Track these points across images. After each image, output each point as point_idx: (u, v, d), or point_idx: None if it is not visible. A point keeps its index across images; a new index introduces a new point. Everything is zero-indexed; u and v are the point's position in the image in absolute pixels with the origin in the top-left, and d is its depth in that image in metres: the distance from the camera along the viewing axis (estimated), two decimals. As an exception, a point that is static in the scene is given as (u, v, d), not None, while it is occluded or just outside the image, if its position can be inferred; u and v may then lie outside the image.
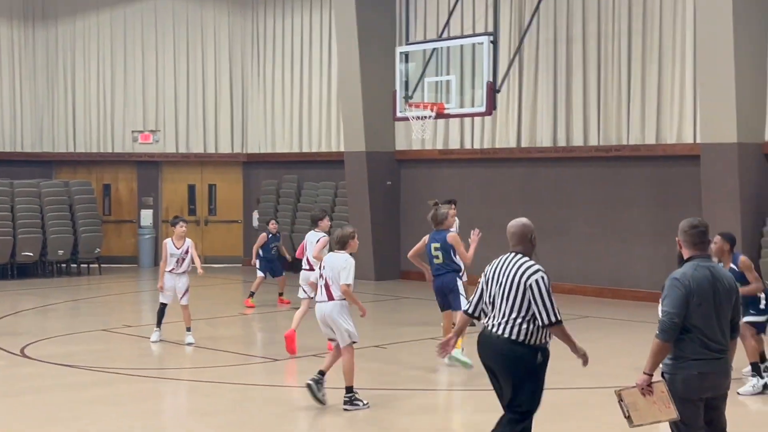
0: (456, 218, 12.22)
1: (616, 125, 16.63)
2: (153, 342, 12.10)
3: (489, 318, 6.50)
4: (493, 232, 17.08)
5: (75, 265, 20.62)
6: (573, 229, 17.27)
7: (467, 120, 18.33)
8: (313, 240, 12.06)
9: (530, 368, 6.36)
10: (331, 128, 20.91)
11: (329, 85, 20.90)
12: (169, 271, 12.02)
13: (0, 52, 21.82)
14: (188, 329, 12.08)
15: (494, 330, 6.40)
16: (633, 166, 16.42)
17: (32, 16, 22.30)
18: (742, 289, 6.93)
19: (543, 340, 6.43)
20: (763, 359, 9.45)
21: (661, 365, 5.88)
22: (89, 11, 22.39)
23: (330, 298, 8.81)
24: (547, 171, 17.55)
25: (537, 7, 16.68)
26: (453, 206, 12.25)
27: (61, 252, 20.05)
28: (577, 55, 17.01)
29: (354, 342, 8.87)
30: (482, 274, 6.75)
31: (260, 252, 15.96)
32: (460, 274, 10.76)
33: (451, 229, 11.03)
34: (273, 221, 16.78)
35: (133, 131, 22.48)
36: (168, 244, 12.13)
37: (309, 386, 8.77)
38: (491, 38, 14.91)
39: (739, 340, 6.23)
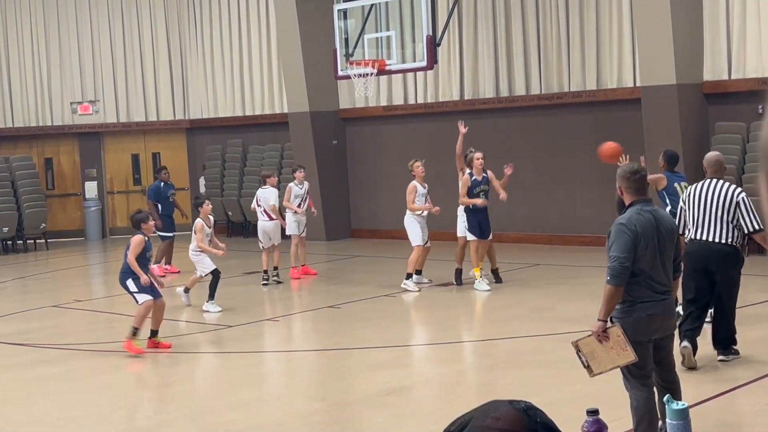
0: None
1: (557, 73, 16.71)
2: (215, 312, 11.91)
3: (699, 231, 8.08)
4: (442, 185, 17.20)
5: (21, 242, 20.31)
6: (519, 178, 17.33)
7: (410, 75, 18.28)
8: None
9: (740, 266, 8.21)
10: (274, 90, 20.73)
11: (269, 46, 20.67)
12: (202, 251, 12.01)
13: (-72, 28, 21.24)
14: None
15: (711, 239, 8.03)
16: (575, 112, 16.55)
17: (-41, -11, 21.70)
18: None
19: (745, 245, 8.33)
20: None
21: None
22: (18, -18, 21.82)
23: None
24: (491, 122, 17.60)
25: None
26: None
27: (5, 229, 19.73)
28: (516, 5, 17.01)
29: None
30: (681, 201, 8.45)
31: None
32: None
33: None
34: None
35: (71, 103, 22.07)
36: (202, 224, 12.04)
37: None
38: (429, -9, 14.81)
39: None
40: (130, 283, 9.98)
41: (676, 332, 6.71)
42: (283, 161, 20.41)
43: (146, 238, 9.98)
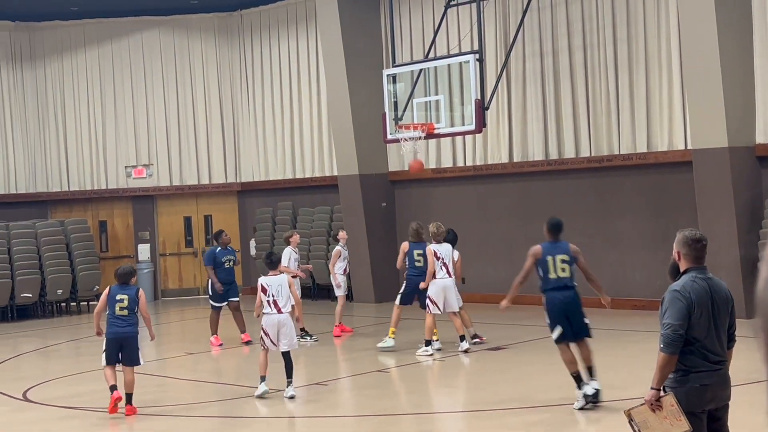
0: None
1: (606, 135, 16.67)
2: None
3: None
4: (488, 247, 17.16)
5: (74, 304, 20.59)
6: (569, 241, 17.25)
7: (458, 138, 18.37)
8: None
9: None
10: (324, 153, 20.95)
11: (319, 110, 20.96)
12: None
13: (-11, 94, 21.88)
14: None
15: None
16: (626, 175, 16.45)
17: (20, 57, 22.36)
18: None
19: None
20: None
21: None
22: (77, 49, 22.46)
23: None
24: (540, 185, 17.58)
25: (521, 22, 16.76)
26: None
27: (59, 291, 20.03)
28: (564, 67, 17.08)
29: None
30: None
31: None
32: None
33: None
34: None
35: (126, 166, 22.51)
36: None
37: None
38: (477, 56, 14.97)
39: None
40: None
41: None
42: (333, 223, 20.52)
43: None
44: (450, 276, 13.02)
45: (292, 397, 10.54)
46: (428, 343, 12.94)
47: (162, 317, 20.09)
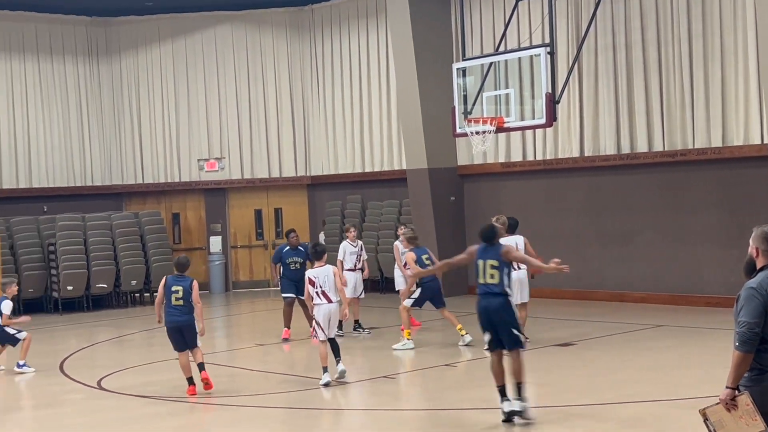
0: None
1: (680, 129, 16.39)
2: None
3: None
4: (558, 243, 17.01)
5: (148, 295, 20.99)
6: (641, 236, 17.05)
7: (528, 131, 18.25)
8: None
9: None
10: (393, 147, 20.99)
11: (389, 103, 21.01)
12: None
13: (67, 89, 22.39)
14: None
15: None
16: (699, 170, 16.16)
17: (96, 52, 22.84)
18: None
19: None
20: None
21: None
22: (151, 44, 22.87)
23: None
24: (611, 179, 17.37)
25: (594, 15, 16.57)
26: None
27: (134, 282, 20.44)
28: (637, 61, 16.83)
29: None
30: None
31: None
32: None
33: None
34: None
35: (198, 160, 22.86)
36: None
37: None
38: (548, 49, 14.84)
39: None
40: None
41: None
42: (401, 217, 20.56)
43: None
44: (518, 269, 12.94)
45: (343, 372, 11.07)
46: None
47: (233, 308, 20.39)
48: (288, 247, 14.91)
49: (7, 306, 12.79)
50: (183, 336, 10.80)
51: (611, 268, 17.39)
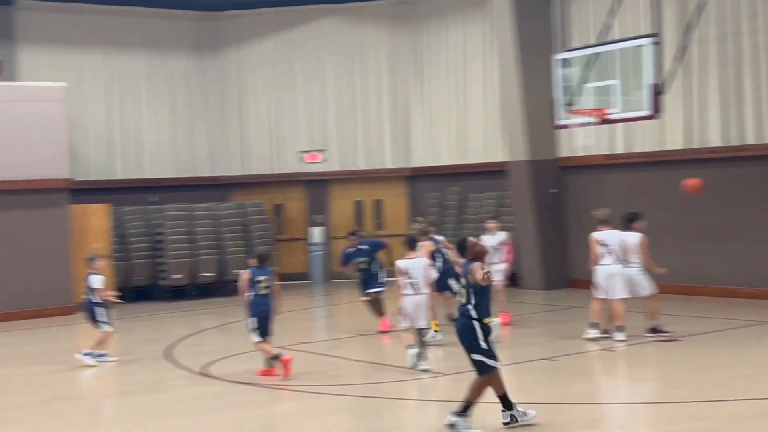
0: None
1: (792, 120, 15.86)
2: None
3: None
4: (664, 237, 16.66)
5: (251, 284, 21.38)
6: (749, 231, 16.57)
7: (633, 123, 17.90)
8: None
9: None
10: (493, 138, 20.89)
11: (490, 95, 20.91)
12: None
13: (176, 83, 22.98)
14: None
15: None
16: (813, 162, 15.62)
17: (203, 46, 23.38)
18: None
19: None
20: None
21: None
22: (256, 38, 23.29)
23: None
24: (719, 171, 16.91)
25: (701, 4, 16.14)
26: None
27: (237, 271, 20.85)
28: (747, 50, 16.34)
29: None
30: None
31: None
32: None
33: None
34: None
35: (300, 151, 23.19)
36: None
37: None
38: (654, 39, 14.53)
39: None
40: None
41: None
42: (501, 209, 20.46)
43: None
44: (618, 263, 12.76)
45: (426, 368, 11.22)
46: (620, 328, 12.80)
47: (334, 299, 20.65)
48: (352, 249, 14.84)
49: (98, 280, 12.79)
50: (269, 322, 11.39)
51: (718, 263, 16.96)
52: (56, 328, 17.10)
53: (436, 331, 13.02)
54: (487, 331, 8.44)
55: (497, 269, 14.52)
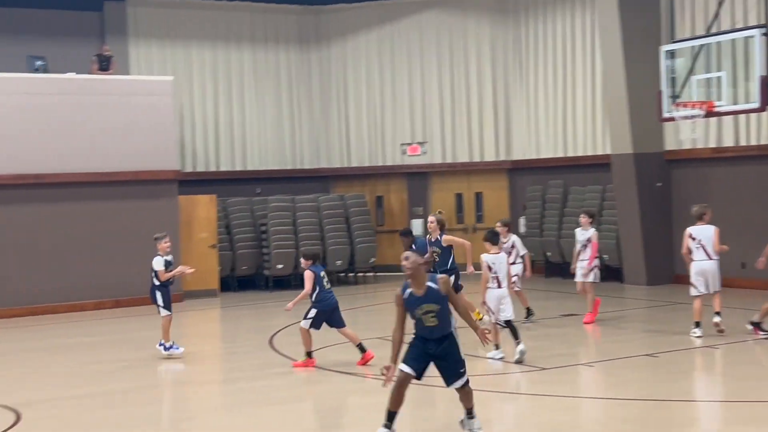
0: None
1: None
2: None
3: None
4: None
5: (352, 275, 21.68)
6: None
7: (741, 116, 17.45)
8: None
9: None
10: (597, 131, 20.63)
11: (593, 87, 20.65)
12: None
13: (280, 76, 23.39)
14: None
15: None
16: None
17: (307, 40, 23.72)
18: None
19: None
20: None
21: None
22: (358, 31, 23.51)
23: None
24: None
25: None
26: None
27: (339, 262, 21.17)
28: None
29: None
30: None
31: None
32: None
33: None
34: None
35: (401, 144, 23.32)
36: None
37: None
38: (764, 30, 14.13)
39: None
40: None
41: None
42: (605, 203, 20.19)
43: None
44: (710, 258, 12.59)
45: (522, 351, 11.42)
46: (697, 324, 12.70)
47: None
48: (420, 240, 14.68)
49: (159, 262, 12.60)
50: (333, 314, 11.91)
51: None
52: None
53: (479, 319, 13.17)
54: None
55: (583, 266, 14.36)
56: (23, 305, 17.87)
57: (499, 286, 11.63)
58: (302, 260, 12.07)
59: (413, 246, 14.25)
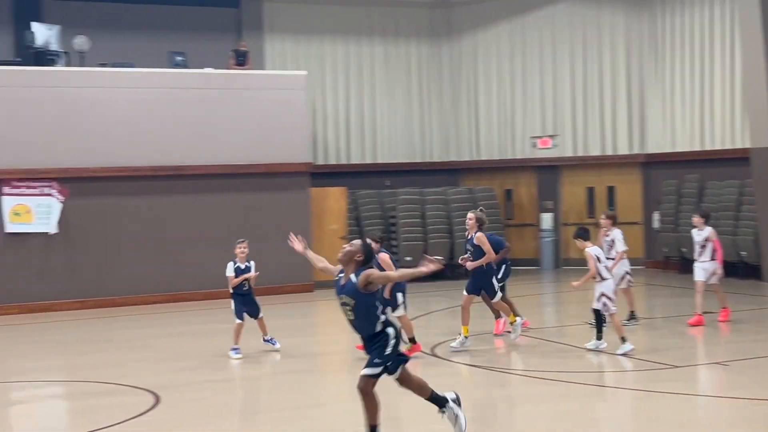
0: None
1: None
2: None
3: None
4: None
5: (480, 268, 21.61)
6: None
7: None
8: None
9: None
10: (735, 124, 19.97)
11: (732, 79, 19.99)
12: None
13: (410, 70, 23.54)
14: None
15: None
16: None
17: (438, 33, 23.78)
18: None
19: None
20: None
21: None
22: (489, 24, 23.42)
23: None
24: None
25: None
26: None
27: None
28: None
29: None
30: None
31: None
32: None
33: None
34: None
35: (532, 137, 23.12)
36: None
37: None
38: None
39: None
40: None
41: None
42: (743, 197, 19.52)
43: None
44: None
45: (597, 347, 11.74)
46: None
47: (563, 285, 20.49)
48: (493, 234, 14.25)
49: (229, 268, 12.52)
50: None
51: None
52: (297, 304, 18.08)
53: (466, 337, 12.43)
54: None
55: (703, 267, 13.74)
56: (161, 292, 18.59)
57: (603, 279, 11.76)
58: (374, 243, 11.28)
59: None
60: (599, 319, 11.91)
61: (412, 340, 11.98)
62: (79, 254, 18.04)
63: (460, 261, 13.04)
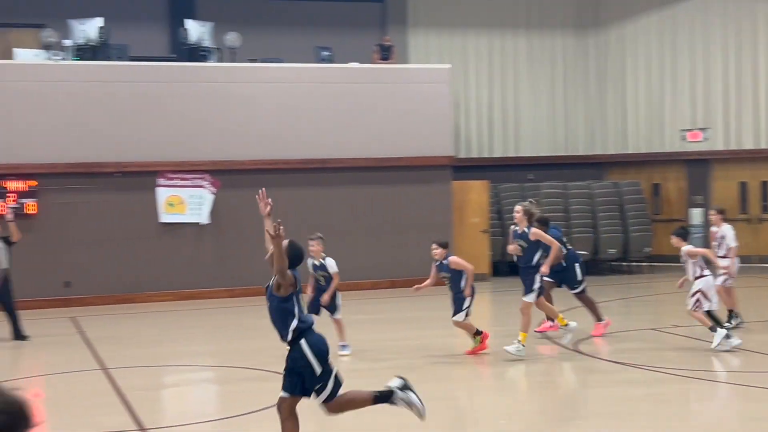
0: None
1: None
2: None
3: None
4: None
5: (625, 264, 21.19)
6: None
7: None
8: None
9: None
10: None
11: None
12: None
13: (555, 62, 23.24)
14: None
15: None
16: None
17: (585, 24, 23.38)
18: None
19: None
20: None
21: None
22: (638, 14, 22.87)
23: None
24: None
25: None
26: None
27: (612, 251, 20.77)
28: None
29: None
30: None
31: None
32: None
33: None
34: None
35: (681, 130, 22.45)
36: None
37: None
38: None
39: None
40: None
41: None
42: None
43: None
44: None
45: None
46: None
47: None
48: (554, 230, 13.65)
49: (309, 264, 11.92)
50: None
51: None
52: (430, 296, 18.13)
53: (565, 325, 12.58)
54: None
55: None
56: (304, 282, 18.99)
57: (704, 276, 11.80)
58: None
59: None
60: (712, 317, 11.82)
61: (477, 331, 11.89)
62: (228, 244, 18.65)
63: (509, 250, 12.32)
